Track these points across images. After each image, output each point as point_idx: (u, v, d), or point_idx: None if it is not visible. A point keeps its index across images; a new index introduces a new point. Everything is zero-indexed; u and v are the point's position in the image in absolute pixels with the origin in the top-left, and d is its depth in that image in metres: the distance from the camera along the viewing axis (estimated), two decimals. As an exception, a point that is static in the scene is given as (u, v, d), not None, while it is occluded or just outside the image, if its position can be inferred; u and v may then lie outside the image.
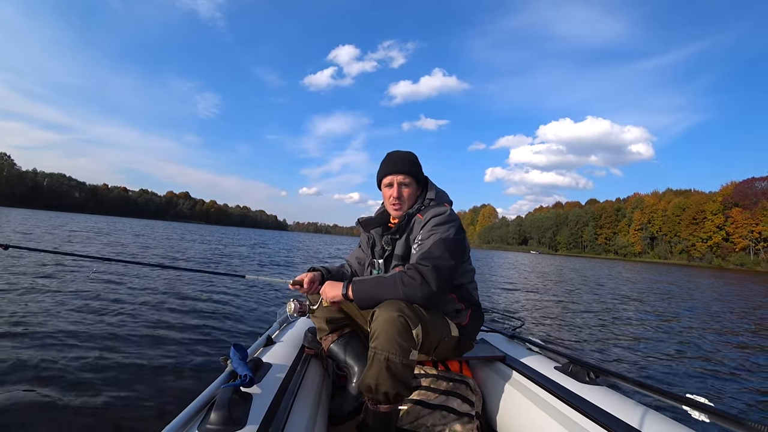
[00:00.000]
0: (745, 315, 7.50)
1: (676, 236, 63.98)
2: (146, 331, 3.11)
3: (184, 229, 36.15)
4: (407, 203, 1.45)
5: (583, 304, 7.43)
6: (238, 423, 0.89)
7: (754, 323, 6.49)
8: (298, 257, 15.01)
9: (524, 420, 1.32)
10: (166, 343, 2.86)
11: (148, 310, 3.80)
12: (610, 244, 78.25)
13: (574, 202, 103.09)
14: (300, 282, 1.43)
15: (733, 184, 58.15)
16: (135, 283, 5.30)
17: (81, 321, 3.22)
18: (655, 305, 8.07)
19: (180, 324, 3.44)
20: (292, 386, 1.17)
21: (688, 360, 3.76)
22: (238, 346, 1.20)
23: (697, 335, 5.02)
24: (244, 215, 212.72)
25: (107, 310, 3.66)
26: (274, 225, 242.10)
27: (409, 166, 1.44)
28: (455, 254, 1.30)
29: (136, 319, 3.44)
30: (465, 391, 1.46)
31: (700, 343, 4.51)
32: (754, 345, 4.69)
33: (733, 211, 54.74)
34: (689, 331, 5.33)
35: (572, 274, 16.90)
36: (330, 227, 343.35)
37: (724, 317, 6.96)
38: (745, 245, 52.72)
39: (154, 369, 2.39)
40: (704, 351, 4.16)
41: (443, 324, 1.33)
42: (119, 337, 2.90)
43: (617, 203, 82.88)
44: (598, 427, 1.06)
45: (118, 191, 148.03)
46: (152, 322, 3.40)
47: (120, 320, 3.36)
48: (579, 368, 1.41)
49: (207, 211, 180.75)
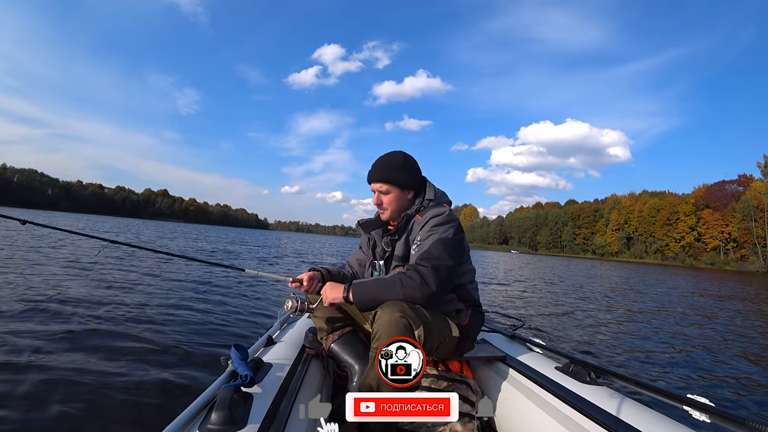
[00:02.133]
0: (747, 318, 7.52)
1: (651, 236, 66.32)
2: (146, 332, 3.10)
3: (159, 228, 34.85)
4: (389, 209, 1.46)
5: (582, 304, 7.44)
6: (239, 423, 0.89)
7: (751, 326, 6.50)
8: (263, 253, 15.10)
9: (525, 420, 1.32)
10: (166, 343, 2.85)
11: (148, 310, 3.80)
12: (588, 243, 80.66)
13: (554, 203, 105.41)
14: (300, 280, 1.44)
15: (705, 186, 60.82)
16: (134, 279, 5.31)
17: (80, 318, 3.22)
18: (651, 305, 8.08)
19: (180, 324, 3.44)
20: (292, 386, 1.17)
21: (686, 358, 3.77)
22: (238, 346, 1.20)
23: (696, 334, 5.03)
24: (224, 214, 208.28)
25: (106, 309, 3.66)
26: (255, 224, 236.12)
27: (388, 173, 1.43)
28: (454, 254, 1.30)
29: (136, 320, 3.43)
30: (465, 391, 1.46)
31: (699, 342, 4.52)
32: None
33: (704, 213, 57.23)
34: (687, 330, 5.34)
35: (560, 273, 17.23)
36: (312, 226, 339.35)
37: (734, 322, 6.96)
38: (716, 245, 55.03)
39: (154, 369, 2.39)
40: (703, 350, 4.16)
41: (444, 324, 1.33)
42: (119, 337, 2.89)
43: (595, 204, 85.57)
44: (598, 427, 1.06)
45: (93, 188, 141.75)
46: (152, 322, 3.39)
47: (120, 320, 3.36)
48: (580, 368, 1.40)
49: (186, 209, 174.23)
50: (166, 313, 3.78)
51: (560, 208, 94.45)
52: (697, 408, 1.03)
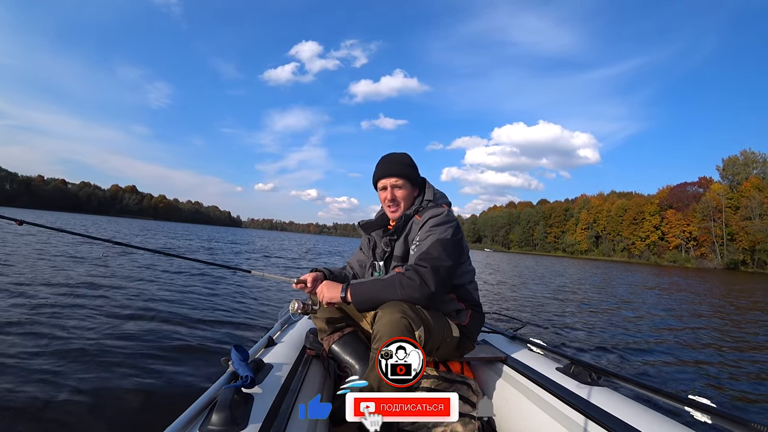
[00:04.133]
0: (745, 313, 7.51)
1: (619, 235, 69.05)
2: (146, 332, 3.11)
3: (121, 226, 32.64)
4: (402, 205, 1.45)
5: (576, 303, 7.43)
6: (240, 424, 0.89)
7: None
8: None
9: (525, 421, 1.32)
10: (166, 345, 2.86)
11: (148, 311, 3.80)
12: (559, 242, 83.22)
13: (526, 202, 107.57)
14: (304, 281, 1.44)
15: (669, 187, 64.14)
16: (134, 279, 5.32)
17: (79, 318, 3.22)
18: (649, 303, 8.07)
19: (180, 325, 3.45)
20: (293, 387, 1.17)
21: (683, 357, 3.76)
22: (239, 347, 1.21)
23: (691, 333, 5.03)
24: (195, 211, 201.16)
25: (105, 309, 3.67)
26: (228, 221, 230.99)
27: (402, 168, 1.45)
28: (453, 255, 1.30)
29: (136, 321, 3.44)
30: (466, 392, 1.46)
31: (696, 341, 4.52)
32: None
33: (667, 213, 60.11)
34: (683, 328, 5.34)
35: (541, 271, 17.71)
36: (286, 224, 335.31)
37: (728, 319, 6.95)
38: (678, 243, 58.13)
39: (155, 370, 2.39)
40: (701, 348, 4.16)
41: (445, 325, 1.33)
42: (119, 338, 2.90)
43: (566, 204, 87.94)
44: (599, 427, 1.06)
45: (55, 184, 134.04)
46: (152, 324, 3.40)
47: (119, 321, 3.36)
48: (580, 369, 1.40)
49: (156, 206, 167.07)
50: (165, 314, 3.78)
51: (532, 208, 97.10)
52: (699, 409, 1.03)
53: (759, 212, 46.50)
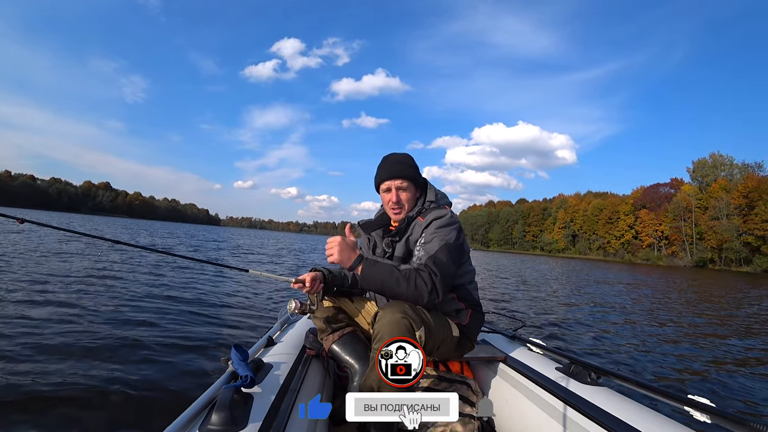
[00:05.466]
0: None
1: (594, 234, 71.39)
2: (145, 332, 3.11)
3: (97, 224, 30.89)
4: (407, 207, 1.44)
5: (574, 301, 7.44)
6: (239, 423, 0.89)
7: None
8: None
9: (525, 420, 1.32)
10: (165, 344, 2.85)
11: (147, 311, 3.80)
12: (537, 241, 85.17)
13: (506, 202, 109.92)
14: (303, 281, 1.43)
15: (642, 188, 66.36)
16: (134, 278, 5.31)
17: (78, 318, 3.22)
18: (644, 303, 8.08)
19: (180, 325, 3.44)
20: (293, 387, 1.17)
21: (684, 356, 3.77)
22: (238, 347, 1.20)
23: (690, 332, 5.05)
24: (172, 209, 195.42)
25: (104, 309, 3.66)
26: (206, 219, 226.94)
27: (405, 169, 1.43)
28: (457, 259, 1.30)
29: (135, 320, 3.43)
30: (466, 392, 1.46)
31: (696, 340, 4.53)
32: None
33: (641, 212, 62.38)
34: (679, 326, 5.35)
35: (531, 272, 18.12)
36: (265, 222, 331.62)
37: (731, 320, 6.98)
38: (651, 242, 60.54)
39: (154, 370, 2.39)
40: (701, 347, 4.16)
41: (445, 325, 1.33)
42: (118, 337, 2.89)
43: (544, 203, 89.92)
44: (599, 427, 1.06)
45: (23, 179, 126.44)
46: (151, 324, 3.39)
47: (118, 321, 3.36)
48: (580, 369, 1.40)
49: (131, 203, 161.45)
50: (165, 314, 3.78)
51: (511, 207, 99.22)
52: (698, 408, 1.03)
53: (726, 213, 48.62)
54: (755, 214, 45.25)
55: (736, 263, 47.37)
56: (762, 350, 4.35)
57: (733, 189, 49.49)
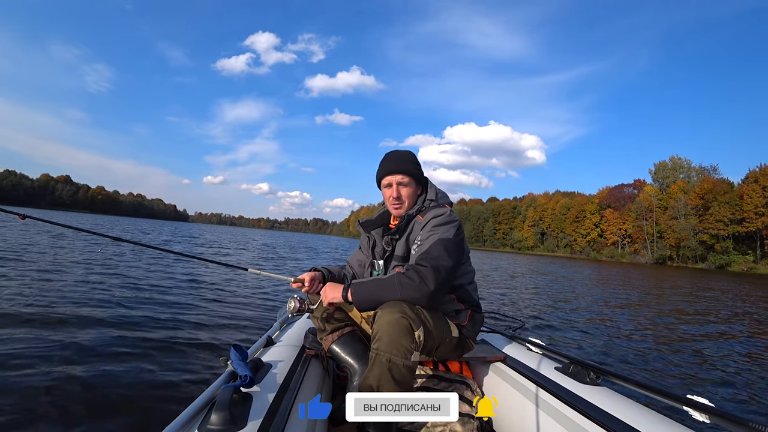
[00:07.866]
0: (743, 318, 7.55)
1: (562, 232, 73.61)
2: (144, 332, 3.10)
3: (61, 220, 30.20)
4: (407, 203, 1.44)
5: (570, 300, 7.45)
6: (239, 423, 0.89)
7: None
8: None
9: (524, 421, 1.32)
10: (164, 344, 2.85)
11: (145, 310, 3.79)
12: (507, 238, 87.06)
13: (477, 200, 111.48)
14: (302, 281, 1.43)
15: (608, 188, 69.01)
16: (131, 279, 5.30)
17: (76, 318, 3.21)
18: (644, 302, 8.10)
19: (179, 324, 3.44)
20: (292, 386, 1.17)
21: (683, 356, 3.77)
22: (237, 347, 1.20)
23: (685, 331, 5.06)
24: (137, 204, 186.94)
25: (103, 309, 3.65)
26: (173, 215, 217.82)
27: (407, 165, 1.44)
28: (454, 255, 1.29)
29: (133, 320, 3.42)
30: (465, 392, 1.46)
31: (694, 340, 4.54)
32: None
33: (606, 212, 65.03)
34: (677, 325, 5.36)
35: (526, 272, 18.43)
36: (235, 219, 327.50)
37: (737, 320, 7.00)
38: (615, 240, 63.18)
39: (153, 370, 2.38)
40: (698, 346, 4.17)
41: (444, 325, 1.33)
42: (117, 337, 2.89)
43: (514, 202, 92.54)
44: (598, 428, 1.06)
45: None
46: (150, 323, 3.39)
47: (117, 321, 3.35)
48: (580, 369, 1.40)
49: (93, 198, 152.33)
50: (164, 313, 3.77)
51: (482, 205, 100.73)
52: (698, 409, 1.03)
53: (684, 213, 50.75)
54: (710, 214, 47.27)
55: (693, 260, 49.52)
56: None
57: (690, 190, 51.73)
